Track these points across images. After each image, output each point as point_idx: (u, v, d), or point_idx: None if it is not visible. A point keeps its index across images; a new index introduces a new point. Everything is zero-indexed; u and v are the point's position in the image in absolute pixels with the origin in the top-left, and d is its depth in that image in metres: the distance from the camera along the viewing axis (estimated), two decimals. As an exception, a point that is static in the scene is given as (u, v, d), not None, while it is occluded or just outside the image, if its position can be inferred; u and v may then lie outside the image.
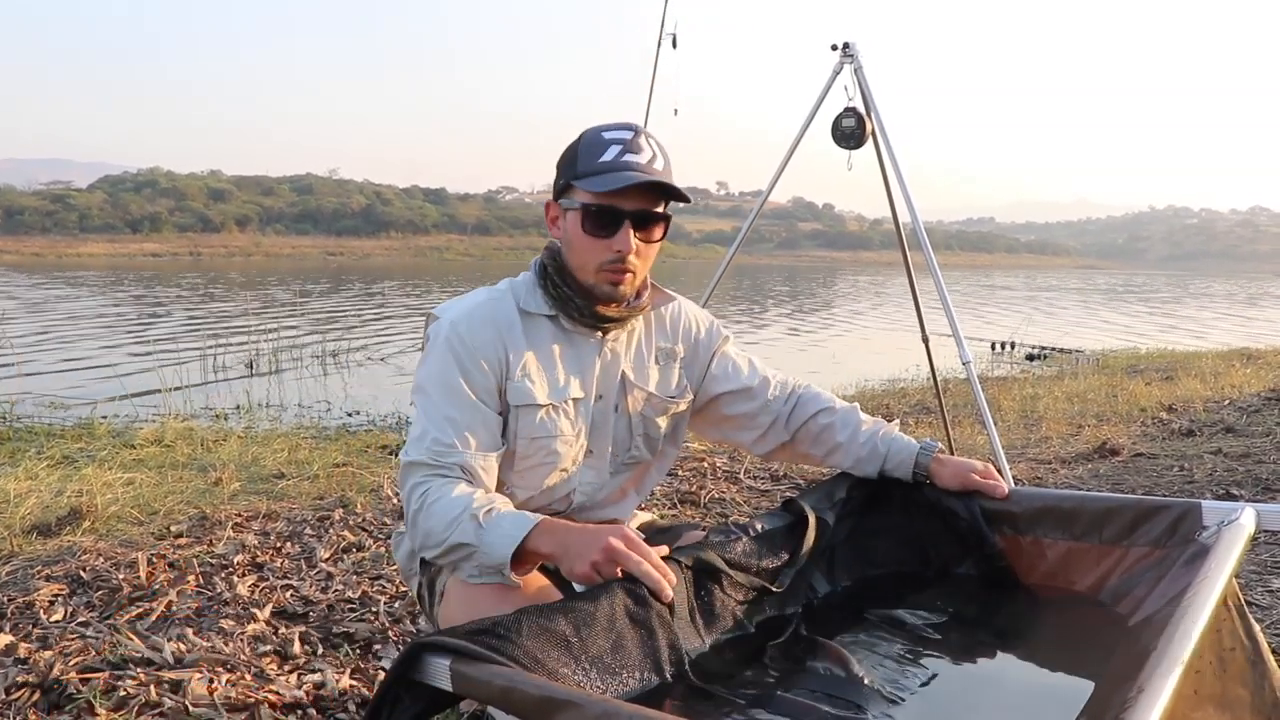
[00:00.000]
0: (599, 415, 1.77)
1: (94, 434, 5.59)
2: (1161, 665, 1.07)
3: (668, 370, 1.87)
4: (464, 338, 1.65)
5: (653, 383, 1.84)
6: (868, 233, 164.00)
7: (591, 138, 1.65)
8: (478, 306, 1.71)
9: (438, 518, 1.53)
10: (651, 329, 1.86)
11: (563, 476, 1.76)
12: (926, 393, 7.70)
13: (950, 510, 1.85)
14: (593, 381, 1.75)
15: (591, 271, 1.67)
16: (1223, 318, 25.83)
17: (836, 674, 1.38)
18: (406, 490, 1.61)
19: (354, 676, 2.20)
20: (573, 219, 1.66)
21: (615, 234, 1.63)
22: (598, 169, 1.62)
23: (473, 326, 1.67)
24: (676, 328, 1.90)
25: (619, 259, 1.64)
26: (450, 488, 1.56)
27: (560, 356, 1.73)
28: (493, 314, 1.70)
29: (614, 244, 1.63)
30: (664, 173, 1.65)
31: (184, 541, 3.20)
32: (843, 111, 4.02)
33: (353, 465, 4.61)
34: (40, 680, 2.06)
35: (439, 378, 1.65)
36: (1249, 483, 4.08)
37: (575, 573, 1.43)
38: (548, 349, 1.72)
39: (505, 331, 1.69)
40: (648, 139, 1.66)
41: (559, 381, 1.71)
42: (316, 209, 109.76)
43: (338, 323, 16.90)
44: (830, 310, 25.14)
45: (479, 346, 1.66)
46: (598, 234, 1.64)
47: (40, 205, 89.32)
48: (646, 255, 1.69)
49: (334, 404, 8.05)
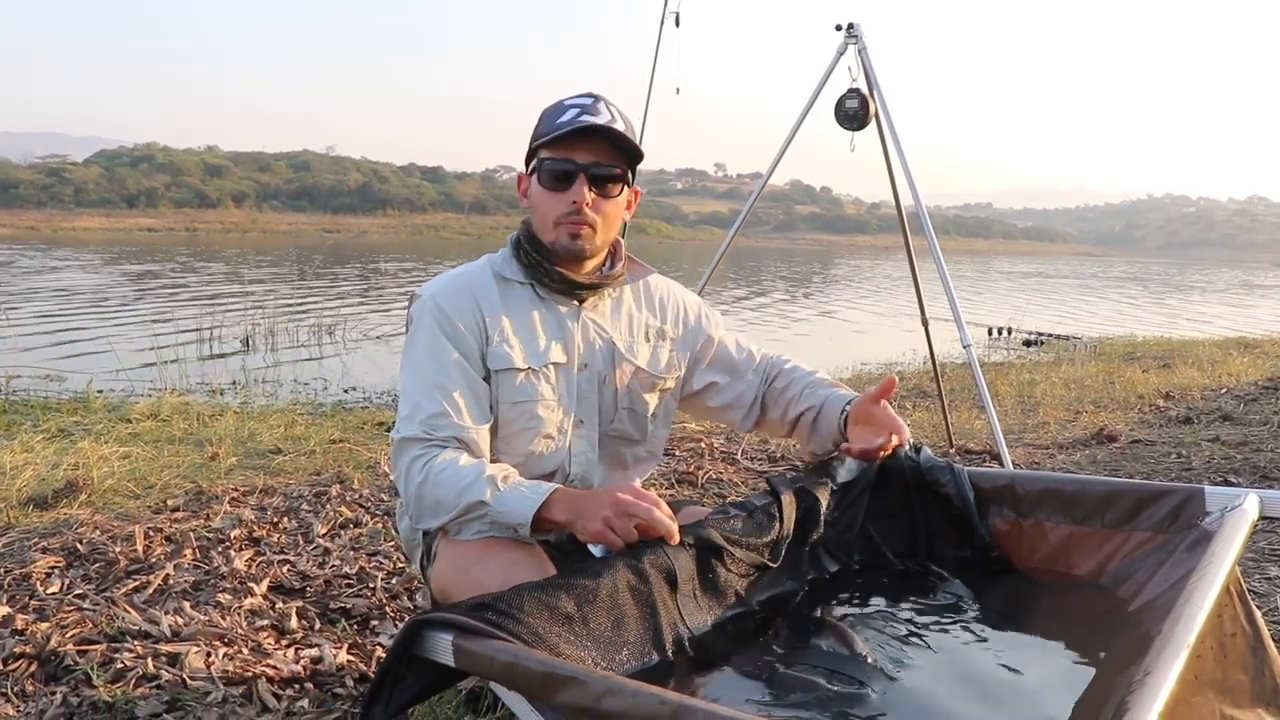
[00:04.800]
0: (585, 384, 1.78)
1: (90, 408, 5.57)
2: (1167, 649, 1.06)
3: (658, 348, 1.88)
4: (444, 308, 1.69)
5: (642, 358, 1.85)
6: (865, 216, 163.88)
7: (553, 106, 1.72)
8: (455, 278, 1.76)
9: (447, 486, 1.54)
10: (641, 306, 1.88)
11: (550, 445, 1.75)
12: (924, 377, 7.70)
13: (946, 496, 1.85)
14: (574, 348, 1.77)
15: (550, 226, 1.70)
16: (1219, 306, 25.84)
17: (839, 651, 1.38)
18: (404, 466, 1.61)
19: (351, 651, 2.20)
20: (535, 180, 1.72)
21: (570, 186, 1.67)
22: (554, 128, 1.67)
23: (451, 296, 1.71)
24: (666, 309, 1.92)
25: (575, 210, 1.67)
26: (455, 457, 1.58)
27: (539, 322, 1.75)
28: (469, 283, 1.74)
29: (570, 195, 1.67)
30: (624, 131, 1.68)
31: (181, 515, 3.19)
32: (846, 92, 4.00)
33: (349, 441, 4.61)
34: (38, 652, 2.06)
35: (425, 350, 1.67)
36: (1246, 470, 4.09)
37: (589, 531, 1.44)
38: (526, 314, 1.75)
39: (483, 298, 1.72)
40: (607, 105, 1.70)
41: (538, 346, 1.73)
42: (313, 186, 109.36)
43: (334, 299, 16.86)
44: (827, 293, 25.12)
45: (459, 314, 1.69)
46: (554, 187, 1.68)
47: (36, 179, 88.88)
48: (605, 212, 1.71)
49: (330, 380, 8.04)
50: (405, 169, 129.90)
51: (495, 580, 1.46)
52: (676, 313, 1.93)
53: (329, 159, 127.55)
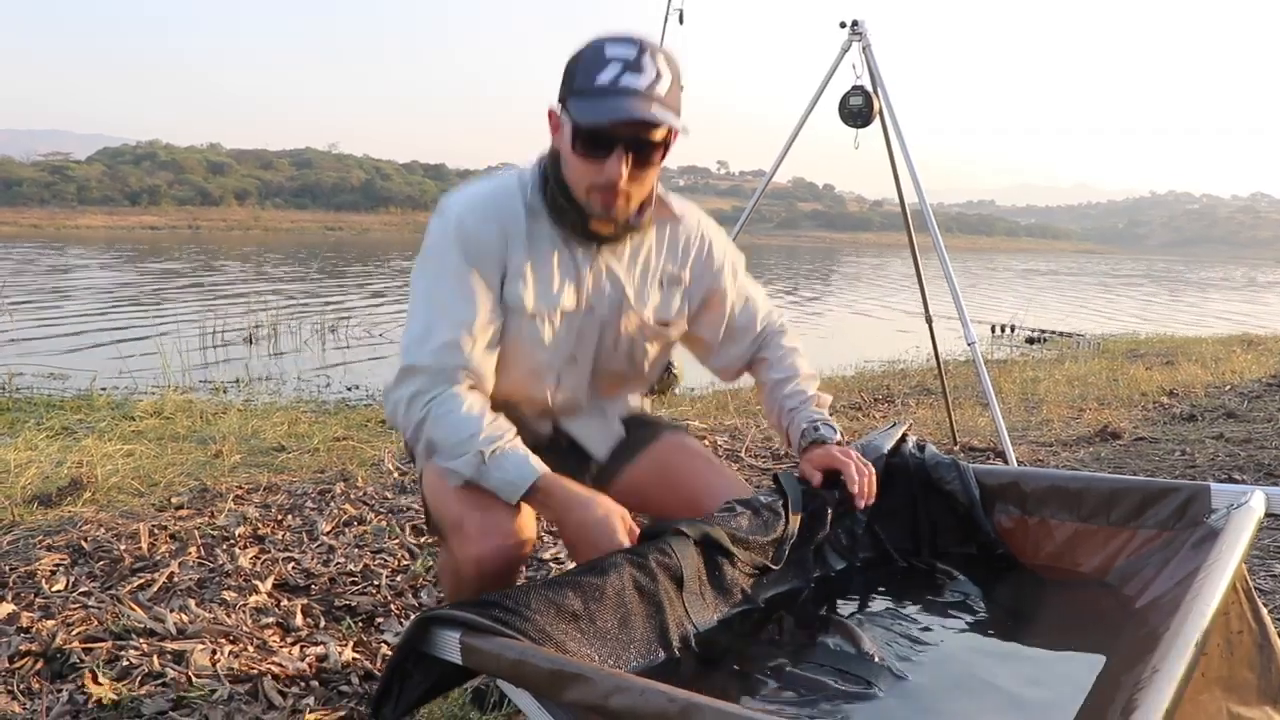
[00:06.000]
0: (586, 325, 1.73)
1: (93, 405, 5.58)
2: (1174, 646, 1.06)
3: (670, 295, 1.81)
4: (471, 235, 1.62)
5: (651, 306, 1.78)
6: (868, 214, 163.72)
7: (593, 53, 1.55)
8: (485, 202, 1.66)
9: (444, 434, 1.55)
10: (662, 250, 1.79)
11: (540, 376, 1.74)
12: (927, 374, 7.70)
13: (951, 493, 1.85)
14: (584, 292, 1.71)
15: (583, 191, 1.60)
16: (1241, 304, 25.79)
17: (846, 650, 1.38)
18: (405, 394, 1.59)
19: (357, 649, 2.20)
20: (567, 134, 1.58)
21: (606, 159, 1.55)
22: (593, 91, 1.52)
23: (479, 224, 1.63)
24: (688, 254, 1.83)
25: (609, 185, 1.57)
26: (457, 402, 1.56)
27: (557, 262, 1.68)
28: (499, 210, 1.65)
29: (605, 168, 1.55)
30: (666, 97, 1.54)
31: (185, 513, 3.19)
32: (850, 90, 3.98)
33: (353, 439, 4.61)
34: (43, 649, 2.06)
35: (447, 274, 1.62)
36: (1251, 468, 4.09)
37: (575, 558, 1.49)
38: (546, 253, 1.67)
39: (510, 229, 1.64)
40: (653, 56, 1.54)
41: (551, 289, 1.68)
42: (316, 183, 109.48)
43: (336, 297, 16.87)
44: (831, 290, 25.11)
45: (485, 244, 1.62)
46: (587, 155, 1.56)
47: (39, 177, 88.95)
48: (642, 180, 1.61)
49: (333, 378, 8.04)
50: (408, 166, 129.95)
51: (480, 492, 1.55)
52: (698, 258, 1.84)
53: (331, 156, 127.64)
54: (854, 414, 5.90)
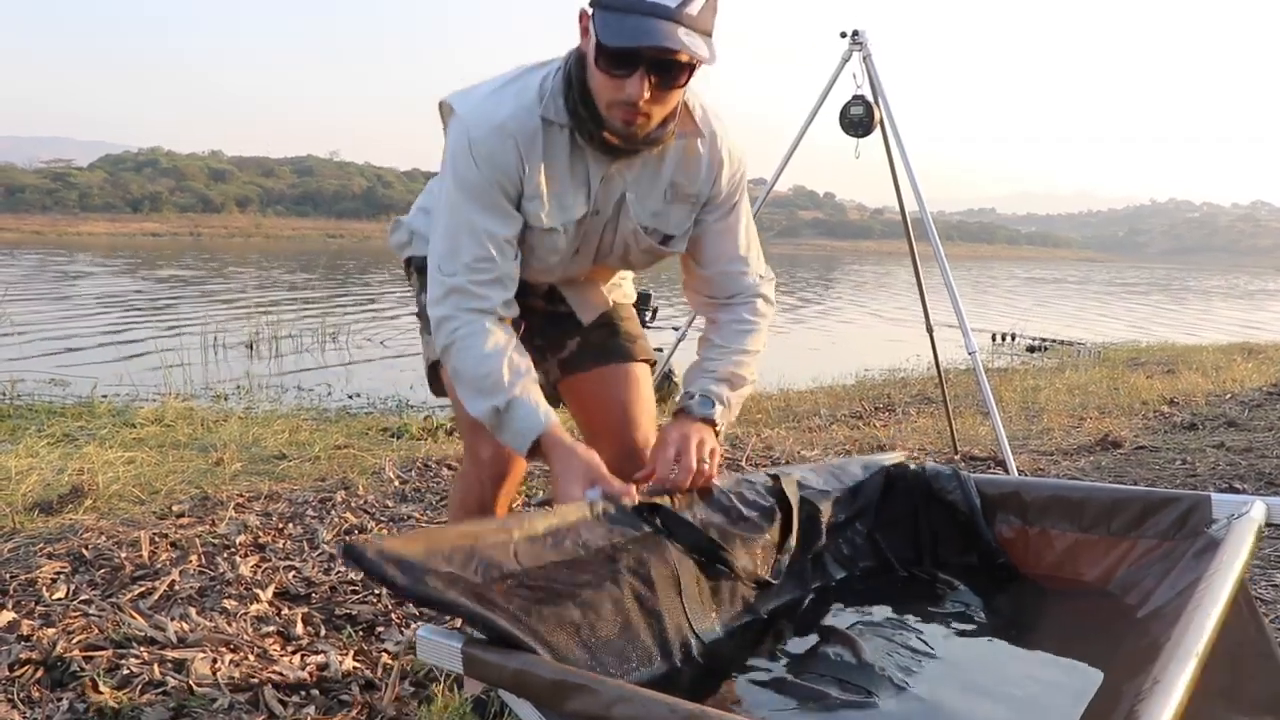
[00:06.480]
0: (592, 226, 1.76)
1: (94, 412, 5.58)
2: (1175, 657, 1.07)
3: (673, 207, 1.79)
4: (486, 155, 1.63)
5: (649, 213, 1.77)
6: (868, 222, 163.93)
7: None
8: (504, 119, 1.64)
9: (466, 367, 1.64)
10: (674, 162, 1.76)
11: (548, 271, 1.83)
12: (928, 383, 7.70)
13: (952, 503, 1.85)
14: (593, 197, 1.72)
15: (604, 105, 1.58)
16: (1224, 311, 25.80)
17: (847, 660, 1.38)
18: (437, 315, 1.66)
19: (357, 658, 2.20)
20: (593, 46, 1.54)
21: (629, 77, 1.51)
22: (620, 5, 1.49)
23: (493, 144, 1.63)
24: (698, 171, 1.78)
25: (630, 103, 1.54)
26: (481, 338, 1.63)
27: (572, 174, 1.69)
28: (518, 128, 1.63)
29: (626, 86, 1.52)
30: (698, 19, 1.49)
31: (186, 521, 3.19)
32: (851, 99, 4.00)
33: (354, 447, 4.61)
34: (43, 658, 2.06)
35: (469, 185, 1.65)
36: (1252, 477, 4.08)
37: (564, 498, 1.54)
38: (562, 166, 1.68)
39: (525, 147, 1.64)
40: None
41: (566, 203, 1.70)
42: (317, 191, 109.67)
43: (338, 304, 16.88)
44: (832, 299, 25.10)
45: (501, 163, 1.63)
46: (610, 71, 1.52)
47: (41, 183, 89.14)
48: (666, 101, 1.58)
49: (334, 386, 8.04)
50: (409, 174, 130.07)
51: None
52: (707, 177, 1.79)
53: (333, 164, 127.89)
54: (855, 423, 5.90)
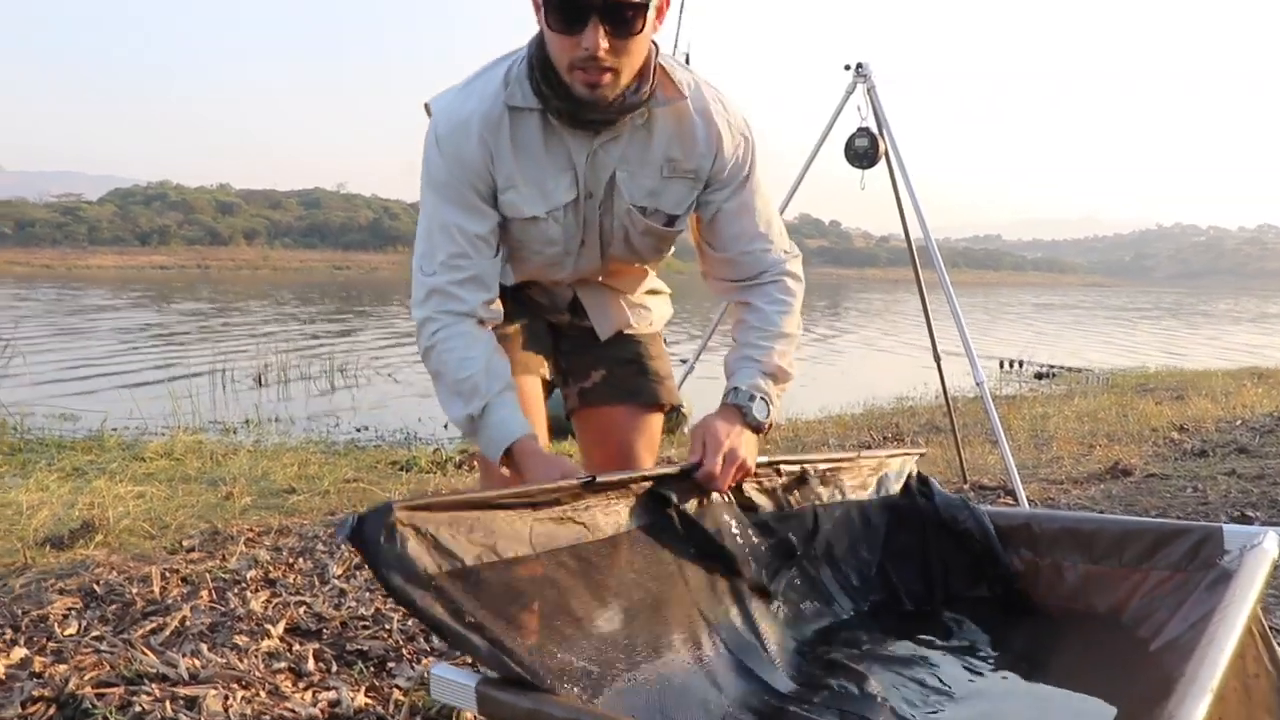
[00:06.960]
0: (589, 211, 1.69)
1: (104, 446, 5.60)
2: (1190, 692, 1.06)
3: (675, 185, 1.70)
4: (453, 154, 1.61)
5: (645, 191, 1.68)
6: (875, 249, 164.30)
7: None
8: (467, 115, 1.60)
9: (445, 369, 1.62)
10: (668, 133, 1.65)
11: (555, 265, 1.77)
12: (936, 412, 7.69)
13: (966, 532, 1.85)
14: (582, 180, 1.65)
15: (566, 70, 1.50)
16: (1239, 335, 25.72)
17: (851, 691, 1.37)
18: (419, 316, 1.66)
19: (369, 694, 2.19)
20: (543, 11, 1.47)
21: (582, 29, 1.43)
22: None
23: (460, 140, 1.60)
24: (695, 145, 1.67)
25: (589, 59, 1.45)
26: (460, 340, 1.62)
27: (550, 158, 1.62)
28: (482, 121, 1.59)
29: (581, 41, 1.44)
30: None
31: (196, 556, 3.20)
32: (856, 131, 4.03)
33: (363, 481, 4.62)
34: (55, 695, 2.06)
35: (440, 185, 1.64)
36: (1264, 504, 4.06)
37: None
38: (537, 151, 1.62)
39: (491, 139, 1.60)
40: None
41: (547, 187, 1.64)
42: (324, 223, 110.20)
43: (345, 336, 16.93)
44: (839, 327, 25.11)
45: (468, 160, 1.61)
46: (561, 29, 1.45)
47: (51, 217, 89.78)
48: (628, 51, 1.47)
49: (342, 419, 8.05)
50: (415, 205, 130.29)
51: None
52: (706, 150, 1.68)
53: (339, 196, 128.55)
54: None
